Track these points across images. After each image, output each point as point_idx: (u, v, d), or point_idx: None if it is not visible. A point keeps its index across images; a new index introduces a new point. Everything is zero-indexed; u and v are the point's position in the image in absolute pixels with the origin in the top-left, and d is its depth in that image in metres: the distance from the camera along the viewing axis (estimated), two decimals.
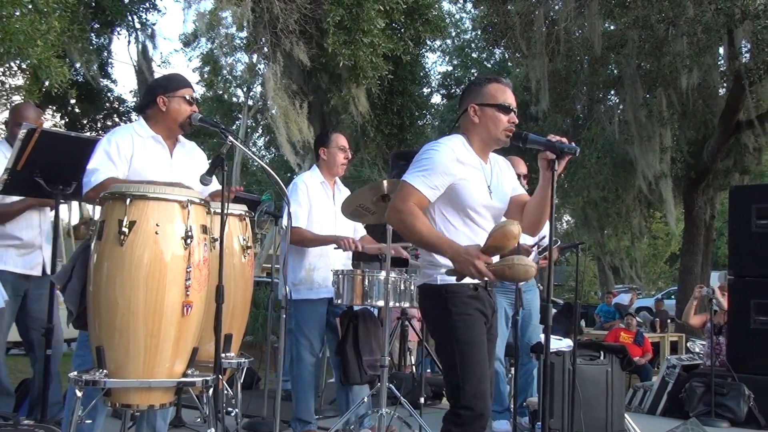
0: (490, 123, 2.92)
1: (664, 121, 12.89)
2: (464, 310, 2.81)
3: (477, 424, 2.73)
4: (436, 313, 2.90)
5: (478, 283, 2.85)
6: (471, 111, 2.94)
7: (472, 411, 2.72)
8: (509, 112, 2.93)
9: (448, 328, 2.82)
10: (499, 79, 3.03)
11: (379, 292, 4.33)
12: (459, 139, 2.96)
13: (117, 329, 2.67)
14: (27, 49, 6.73)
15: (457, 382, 2.76)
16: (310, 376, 4.62)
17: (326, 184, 4.75)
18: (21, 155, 3.57)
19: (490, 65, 19.52)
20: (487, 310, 2.90)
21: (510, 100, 2.95)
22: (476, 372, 2.74)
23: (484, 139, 2.97)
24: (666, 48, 12.37)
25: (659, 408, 6.60)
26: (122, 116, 17.48)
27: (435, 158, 2.84)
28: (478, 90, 2.97)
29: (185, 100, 3.38)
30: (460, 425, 2.73)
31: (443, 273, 2.80)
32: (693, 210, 15.23)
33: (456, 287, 2.82)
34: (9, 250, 4.22)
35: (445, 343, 2.85)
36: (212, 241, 2.98)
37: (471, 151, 2.95)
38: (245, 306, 3.52)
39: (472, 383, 2.73)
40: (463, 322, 2.80)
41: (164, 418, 3.67)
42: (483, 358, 2.79)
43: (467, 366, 2.75)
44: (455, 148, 2.89)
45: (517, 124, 3.00)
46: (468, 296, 2.83)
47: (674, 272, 31.03)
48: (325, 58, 11.27)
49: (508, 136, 2.94)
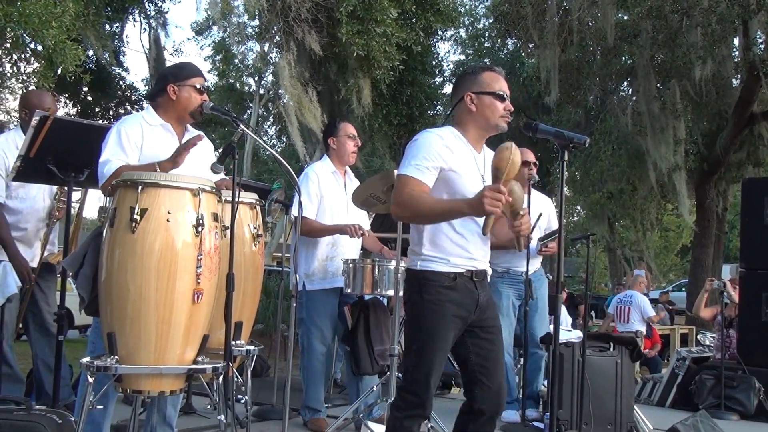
0: (488, 110, 2.95)
1: (677, 113, 12.80)
2: (436, 300, 2.83)
3: (418, 411, 2.83)
4: (409, 297, 2.94)
5: (459, 272, 2.87)
6: (468, 99, 2.96)
7: (415, 397, 2.82)
8: (504, 100, 2.96)
9: (415, 314, 2.87)
10: (493, 68, 3.06)
11: (388, 282, 4.35)
12: (448, 129, 2.99)
13: (128, 316, 2.69)
14: (41, 32, 6.73)
15: (408, 366, 2.88)
16: (321, 366, 4.65)
17: (337, 174, 4.75)
18: (34, 142, 3.58)
19: (503, 55, 19.41)
20: (466, 303, 2.88)
21: (504, 88, 2.98)
22: (428, 362, 2.80)
23: (482, 127, 2.99)
24: (680, 39, 12.27)
25: (668, 400, 6.58)
26: (134, 104, 17.50)
27: (422, 144, 2.87)
28: (473, 79, 2.99)
29: (195, 89, 3.38)
30: (403, 409, 2.84)
31: (423, 259, 2.87)
32: (705, 202, 15.15)
33: (433, 275, 2.85)
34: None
35: (410, 326, 2.91)
36: (223, 229, 2.98)
37: (463, 140, 2.97)
38: (255, 294, 3.54)
39: (420, 371, 2.80)
40: (432, 312, 2.82)
41: (174, 405, 3.70)
42: (440, 356, 2.83)
43: (421, 354, 2.81)
44: (443, 135, 2.91)
45: (530, 116, 3.00)
46: (444, 286, 2.85)
47: (685, 264, 30.91)
48: (338, 48, 11.23)
49: (506, 123, 2.98)
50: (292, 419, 4.41)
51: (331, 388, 5.89)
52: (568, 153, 2.90)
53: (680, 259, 36.30)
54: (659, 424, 4.99)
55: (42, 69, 7.82)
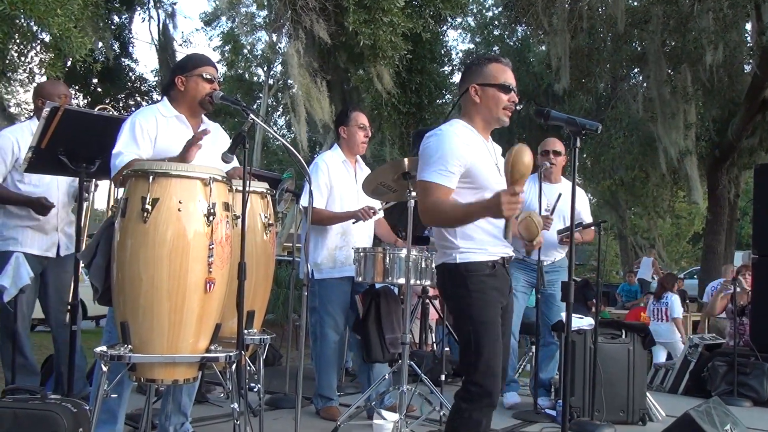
0: (491, 102, 2.94)
1: (688, 97, 12.71)
2: (481, 288, 2.84)
3: (486, 400, 2.80)
4: (453, 291, 2.93)
5: (496, 260, 2.89)
6: (472, 91, 2.95)
7: (482, 388, 2.78)
8: (509, 91, 2.95)
9: (464, 307, 2.86)
10: (499, 59, 3.04)
11: (399, 270, 4.34)
12: (459, 123, 2.98)
13: (141, 305, 2.71)
14: (47, 20, 6.72)
15: (470, 360, 2.83)
16: (333, 354, 4.66)
17: (348, 163, 4.74)
18: (45, 133, 3.59)
19: (512, 42, 19.33)
20: (504, 288, 2.94)
21: (510, 79, 2.96)
22: (488, 351, 2.79)
23: (486, 119, 2.99)
24: (691, 24, 12.18)
25: (681, 387, 6.57)
26: (144, 95, 17.55)
27: (443, 146, 2.85)
28: (478, 70, 2.98)
29: (203, 78, 3.38)
30: (470, 401, 2.80)
31: (461, 252, 2.86)
32: (717, 189, 15.07)
33: (474, 266, 2.86)
34: (26, 230, 4.26)
35: (461, 321, 2.90)
36: (234, 219, 2.99)
37: (474, 132, 2.97)
38: (267, 283, 3.54)
39: (483, 361, 2.78)
40: (480, 301, 2.83)
41: (189, 394, 3.72)
42: (496, 338, 2.83)
43: (480, 345, 2.80)
44: (459, 132, 2.91)
45: (541, 104, 3.00)
46: (485, 275, 2.86)
47: (697, 252, 30.78)
48: (345, 37, 11.21)
49: (508, 116, 2.98)
50: (304, 407, 4.43)
51: (343, 376, 5.91)
52: (579, 140, 2.90)
53: (692, 247, 36.14)
54: (672, 411, 4.98)
55: (51, 59, 7.83)
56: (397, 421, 3.80)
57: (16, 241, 4.23)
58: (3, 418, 2.83)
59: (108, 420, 3.31)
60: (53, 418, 2.85)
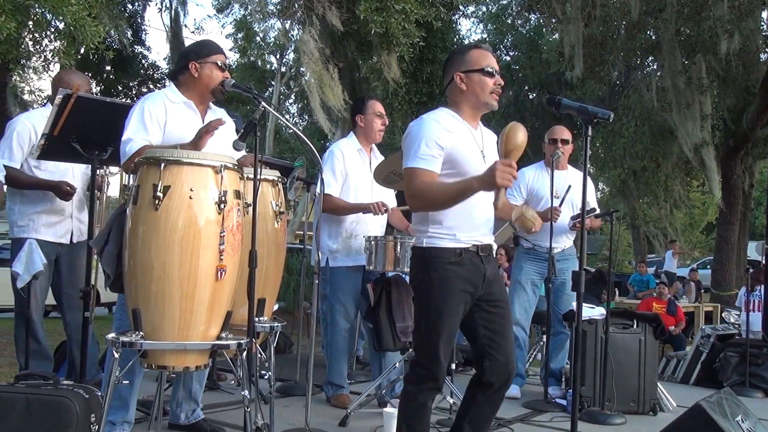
0: (477, 88, 2.96)
1: (703, 88, 12.60)
2: (443, 276, 2.86)
3: (430, 384, 2.88)
4: (416, 274, 2.98)
5: (465, 247, 2.90)
6: (457, 79, 2.98)
7: (427, 371, 2.87)
8: (494, 75, 2.96)
9: (423, 290, 2.91)
10: (480, 45, 3.08)
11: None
12: (443, 110, 3.01)
13: (152, 292, 2.72)
14: (61, 9, 6.74)
15: (419, 342, 2.93)
16: (344, 342, 4.67)
17: (363, 152, 4.74)
18: (57, 120, 3.61)
19: (525, 31, 19.22)
20: (474, 278, 2.91)
21: (493, 64, 2.98)
22: (437, 338, 2.84)
23: (474, 105, 3.00)
24: (706, 12, 12.06)
25: (692, 377, 6.55)
26: (156, 83, 17.57)
27: (420, 132, 2.88)
28: (461, 58, 3.01)
29: (217, 65, 3.38)
30: (415, 382, 2.90)
31: (428, 237, 2.91)
32: (731, 179, 14.97)
33: (438, 251, 2.89)
34: (41, 216, 4.28)
35: (418, 303, 2.96)
36: (245, 206, 2.99)
37: (459, 119, 2.98)
38: (278, 271, 3.55)
39: (430, 345, 2.85)
40: (439, 289, 2.86)
41: (200, 381, 3.74)
42: (450, 329, 2.88)
43: (431, 331, 2.86)
44: (439, 119, 2.93)
45: (553, 92, 3.00)
46: (450, 262, 2.87)
47: (710, 242, 30.63)
48: (357, 25, 11.16)
49: (496, 99, 3.00)
50: (315, 395, 4.45)
51: (354, 365, 5.92)
52: (591, 128, 2.88)
53: (705, 237, 35.97)
54: (683, 402, 4.96)
55: (64, 47, 7.85)
56: None
57: (31, 228, 4.25)
58: (15, 403, 2.85)
59: (120, 406, 3.34)
60: (65, 404, 2.87)
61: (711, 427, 3.03)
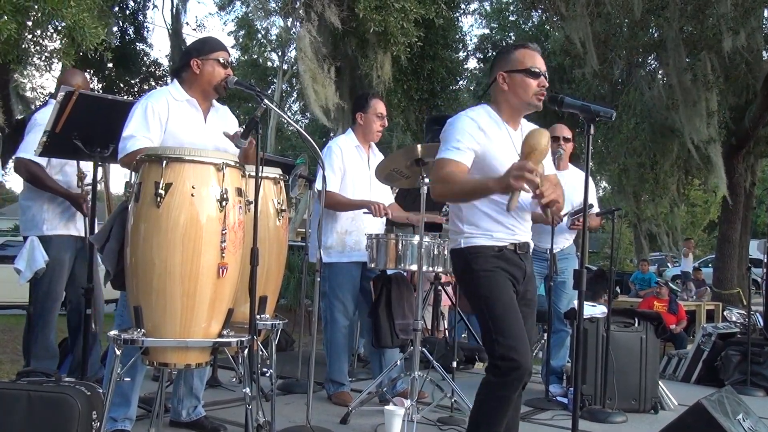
0: (519, 89, 2.93)
1: (709, 85, 12.56)
2: (486, 267, 2.85)
3: (516, 373, 2.72)
4: (462, 275, 2.97)
5: (503, 246, 2.90)
6: (500, 79, 2.95)
7: (510, 361, 2.72)
8: (538, 76, 2.93)
9: (473, 287, 2.88)
10: (527, 45, 3.04)
11: (412, 257, 4.34)
12: (483, 108, 2.99)
13: (154, 290, 2.72)
14: (60, 10, 6.73)
15: (491, 337, 2.79)
16: (344, 339, 4.67)
17: (361, 149, 4.74)
18: (59, 118, 3.61)
19: (528, 28, 19.18)
20: (514, 271, 2.91)
21: (539, 64, 2.94)
22: (507, 324, 2.76)
23: (515, 106, 2.98)
24: (709, 10, 12.03)
25: (694, 376, 6.55)
26: (158, 80, 17.55)
27: (456, 127, 2.89)
28: (505, 57, 2.99)
29: (219, 62, 3.38)
30: (499, 375, 2.74)
31: (465, 237, 2.90)
32: (733, 177, 14.93)
33: (478, 248, 2.88)
34: (66, 212, 4.32)
35: (474, 301, 2.91)
36: (247, 204, 3.00)
37: (497, 119, 2.97)
38: (280, 268, 3.55)
39: (504, 335, 2.74)
40: (486, 279, 2.84)
41: (201, 377, 3.75)
42: (511, 311, 2.80)
43: (497, 319, 2.77)
44: (476, 117, 2.92)
45: (554, 89, 2.99)
46: (491, 256, 2.87)
47: (712, 240, 30.58)
48: (356, 23, 11.15)
49: (540, 100, 2.96)
50: (316, 393, 4.45)
51: (355, 362, 5.93)
52: (593, 126, 2.88)
53: (707, 235, 35.93)
54: (684, 400, 4.96)
55: (64, 47, 7.84)
56: (409, 408, 3.81)
57: (58, 225, 4.30)
58: (17, 400, 2.85)
59: (121, 403, 3.35)
60: (67, 401, 2.87)
61: (712, 425, 3.03)
